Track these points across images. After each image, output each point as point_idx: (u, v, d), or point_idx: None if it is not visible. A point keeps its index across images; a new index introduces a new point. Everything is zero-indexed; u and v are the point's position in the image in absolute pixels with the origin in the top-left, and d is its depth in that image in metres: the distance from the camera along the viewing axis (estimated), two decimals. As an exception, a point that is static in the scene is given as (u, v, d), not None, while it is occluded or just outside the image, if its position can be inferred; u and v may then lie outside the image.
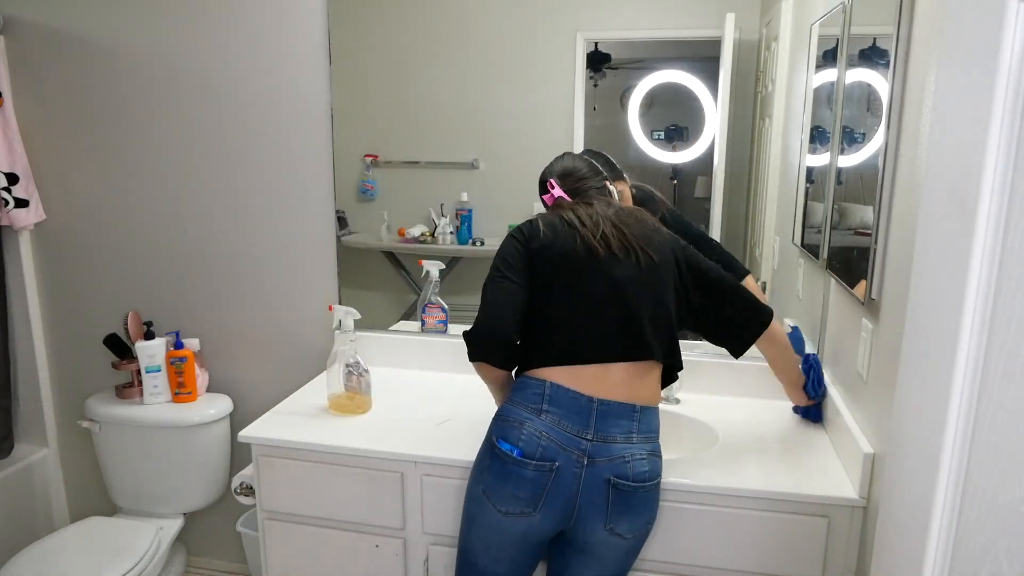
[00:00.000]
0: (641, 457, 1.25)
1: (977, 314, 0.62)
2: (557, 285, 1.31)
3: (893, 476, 0.83)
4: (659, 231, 1.38)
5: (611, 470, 1.22)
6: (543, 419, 1.24)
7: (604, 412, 1.25)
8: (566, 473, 1.22)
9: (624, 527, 1.25)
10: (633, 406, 1.27)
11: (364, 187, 1.97)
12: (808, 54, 1.70)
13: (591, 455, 1.23)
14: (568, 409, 1.25)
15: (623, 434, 1.25)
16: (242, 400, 2.15)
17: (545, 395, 1.26)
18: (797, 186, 1.74)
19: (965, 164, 0.64)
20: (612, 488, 1.22)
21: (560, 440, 1.23)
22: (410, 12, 1.85)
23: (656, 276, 1.32)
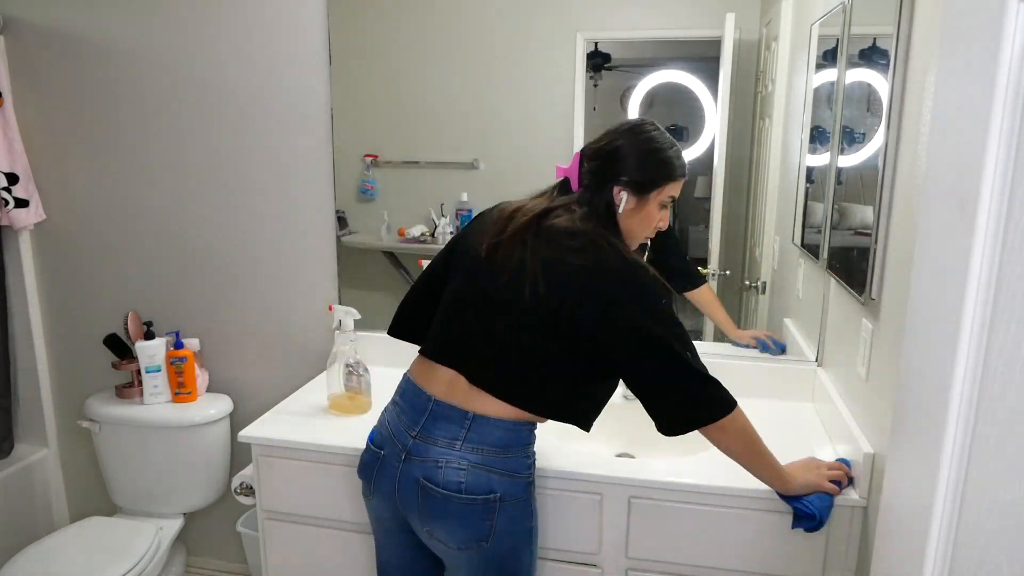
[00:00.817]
0: (459, 467, 1.17)
1: (977, 314, 0.62)
2: (455, 275, 1.28)
3: (893, 476, 0.83)
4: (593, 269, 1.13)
5: (422, 471, 1.19)
6: (392, 409, 1.29)
7: (436, 413, 1.21)
8: (388, 464, 1.24)
9: (443, 535, 1.20)
10: (466, 412, 1.19)
11: (364, 187, 1.97)
12: (808, 54, 1.70)
13: (411, 452, 1.21)
14: (409, 404, 1.25)
15: (446, 438, 1.19)
16: (242, 400, 2.15)
17: (400, 387, 1.30)
18: (797, 186, 1.74)
19: (965, 164, 0.64)
20: (421, 489, 1.19)
21: (394, 430, 1.25)
22: (410, 12, 1.85)
23: (542, 318, 1.15)
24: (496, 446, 1.20)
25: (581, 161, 1.23)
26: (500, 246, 1.19)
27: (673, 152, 1.24)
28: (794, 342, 1.80)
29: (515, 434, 1.22)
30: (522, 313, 1.16)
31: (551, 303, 1.14)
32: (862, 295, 1.31)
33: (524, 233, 1.18)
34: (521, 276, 1.15)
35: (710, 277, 1.85)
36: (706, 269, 1.84)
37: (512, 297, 1.17)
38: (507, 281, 1.17)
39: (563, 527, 1.41)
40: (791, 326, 1.82)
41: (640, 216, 1.23)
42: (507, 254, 1.18)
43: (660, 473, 1.37)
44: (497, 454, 1.20)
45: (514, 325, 1.18)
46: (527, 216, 1.19)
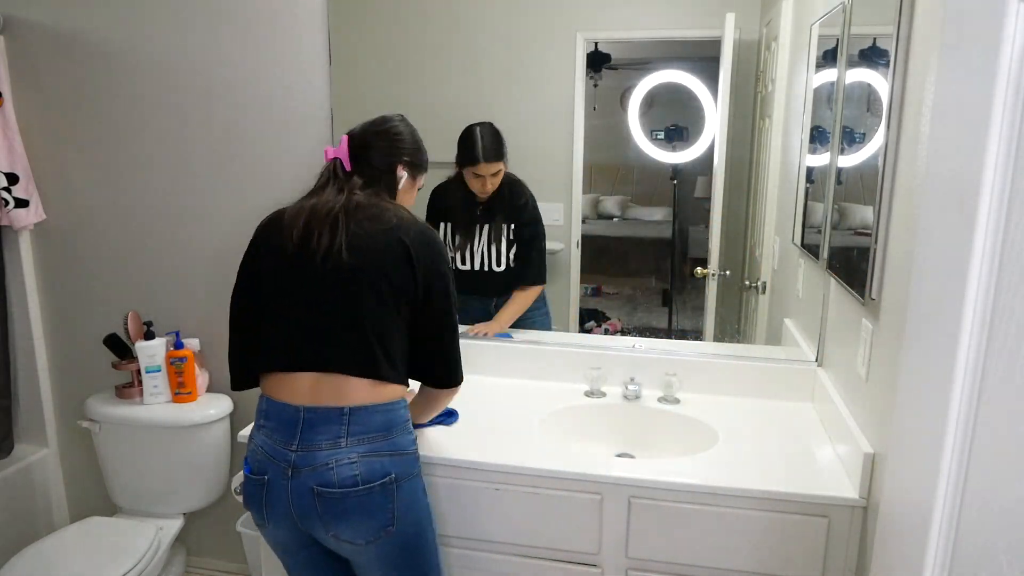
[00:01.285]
0: (349, 461, 1.20)
1: (977, 314, 0.62)
2: (270, 284, 1.30)
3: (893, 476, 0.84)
4: (396, 228, 1.25)
5: (314, 479, 1.19)
6: (261, 433, 1.27)
7: (311, 420, 1.22)
8: (275, 485, 1.22)
9: (349, 533, 1.22)
10: (341, 409, 1.21)
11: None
12: (808, 54, 1.70)
13: (296, 465, 1.21)
14: (279, 421, 1.24)
15: (329, 440, 1.21)
16: (242, 400, 2.15)
17: (262, 409, 1.28)
18: (797, 186, 1.74)
19: (965, 164, 0.64)
20: (317, 496, 1.20)
21: (271, 452, 1.24)
22: (410, 13, 1.85)
23: (357, 279, 1.23)
24: (379, 431, 1.23)
25: (351, 141, 1.34)
26: (311, 235, 1.25)
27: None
28: (794, 342, 1.80)
29: (393, 414, 1.26)
30: (342, 289, 1.23)
31: (360, 266, 1.23)
32: (862, 295, 1.31)
33: (334, 220, 1.25)
34: (329, 256, 1.23)
35: (710, 277, 1.85)
36: (706, 269, 1.85)
37: (330, 278, 1.24)
38: (321, 266, 1.24)
39: (563, 527, 1.41)
40: (791, 326, 1.82)
41: (411, 195, 1.42)
42: (319, 240, 1.24)
43: (660, 473, 1.37)
44: (382, 438, 1.23)
45: (340, 302, 1.24)
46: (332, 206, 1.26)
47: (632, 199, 1.89)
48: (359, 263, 1.23)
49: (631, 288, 1.92)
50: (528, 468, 1.40)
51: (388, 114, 1.40)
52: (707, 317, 1.88)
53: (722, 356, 1.82)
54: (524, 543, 1.44)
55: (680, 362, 1.80)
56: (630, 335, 1.89)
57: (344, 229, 1.24)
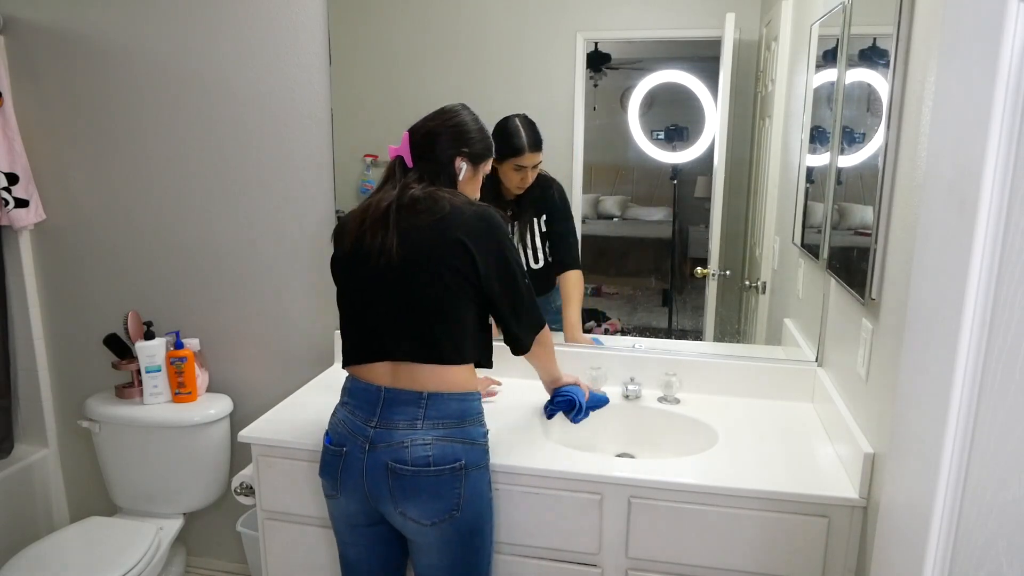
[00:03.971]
0: (424, 443, 1.26)
1: (977, 314, 0.62)
2: (338, 282, 1.38)
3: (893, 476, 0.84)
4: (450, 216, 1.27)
5: (389, 455, 1.27)
6: (344, 409, 1.36)
7: (390, 400, 1.30)
8: (352, 457, 1.30)
9: (415, 512, 1.27)
10: (420, 393, 1.29)
11: (364, 187, 1.97)
12: (808, 54, 1.70)
13: (373, 441, 1.28)
14: (360, 399, 1.32)
15: (407, 420, 1.28)
16: (242, 400, 2.15)
17: (346, 388, 1.37)
18: (797, 186, 1.74)
19: (965, 164, 0.64)
20: (391, 472, 1.26)
21: (351, 427, 1.32)
22: (410, 12, 1.85)
23: (415, 276, 1.27)
24: (454, 418, 1.30)
25: (412, 137, 1.36)
26: (364, 235, 1.30)
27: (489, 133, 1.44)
28: (794, 342, 1.80)
29: (468, 404, 1.32)
30: (398, 283, 1.28)
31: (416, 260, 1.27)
32: (862, 295, 1.31)
33: (385, 217, 1.29)
34: (382, 253, 1.28)
35: (710, 277, 1.85)
36: (706, 269, 1.85)
37: (385, 275, 1.29)
38: (375, 264, 1.29)
39: (563, 527, 1.41)
40: (791, 326, 1.82)
41: (475, 183, 1.42)
42: (372, 239, 1.29)
43: (660, 473, 1.37)
44: (456, 425, 1.30)
45: (398, 296, 1.29)
46: (386, 204, 1.30)
47: (632, 199, 1.89)
48: (412, 256, 1.27)
49: (631, 288, 1.92)
50: (528, 468, 1.40)
51: (448, 105, 1.39)
52: (707, 317, 1.88)
53: (722, 356, 1.82)
54: (524, 543, 1.44)
55: (680, 362, 1.80)
56: (630, 335, 1.89)
57: (395, 226, 1.28)
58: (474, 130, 1.38)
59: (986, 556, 0.61)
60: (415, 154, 1.34)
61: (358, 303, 1.34)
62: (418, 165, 1.34)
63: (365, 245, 1.30)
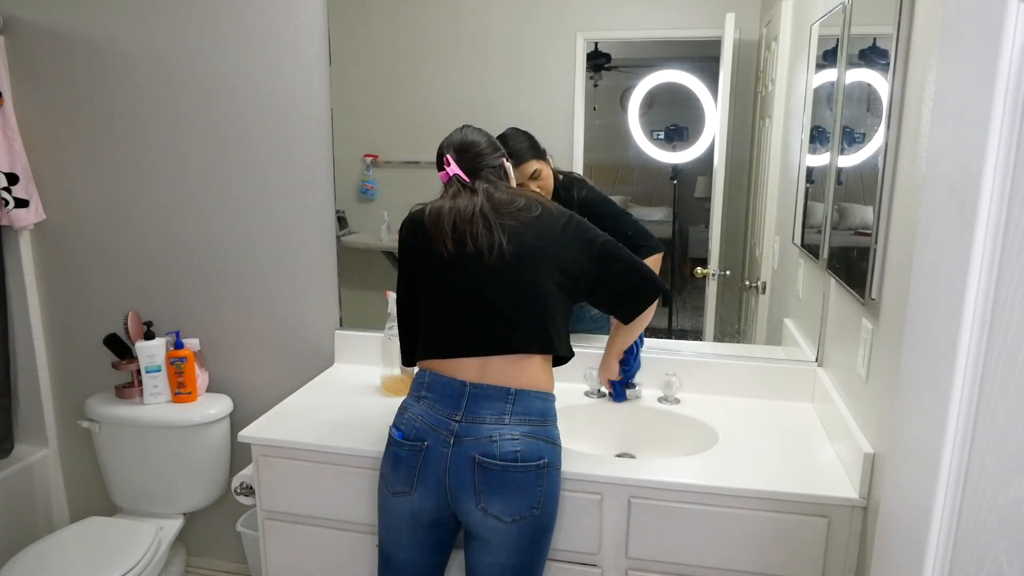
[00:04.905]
0: (512, 438, 1.27)
1: (977, 314, 0.62)
2: (428, 282, 1.38)
3: (893, 476, 0.84)
4: (542, 215, 1.35)
5: (476, 448, 1.26)
6: (421, 404, 1.33)
7: (476, 395, 1.29)
8: (434, 452, 1.28)
9: (497, 507, 1.26)
10: (507, 389, 1.30)
11: (364, 187, 1.97)
12: (808, 54, 1.70)
13: (458, 435, 1.27)
14: (442, 394, 1.31)
15: (494, 415, 1.28)
16: (242, 400, 2.15)
17: (424, 383, 1.35)
18: (797, 186, 1.74)
19: (965, 164, 0.64)
20: (478, 466, 1.26)
21: (431, 421, 1.30)
22: (410, 12, 1.85)
23: (525, 270, 1.32)
24: (539, 416, 1.31)
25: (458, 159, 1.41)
26: (463, 238, 1.33)
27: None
28: (794, 342, 1.80)
29: (550, 404, 1.35)
30: (508, 275, 1.32)
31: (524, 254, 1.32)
32: (862, 295, 1.31)
33: (480, 219, 1.33)
34: (494, 245, 1.31)
35: (710, 277, 1.85)
36: (706, 269, 1.85)
37: (495, 268, 1.32)
38: (487, 261, 1.32)
39: (563, 527, 1.41)
40: (791, 326, 1.82)
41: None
42: (475, 238, 1.32)
43: (660, 473, 1.37)
44: (541, 423, 1.31)
45: (511, 290, 1.32)
46: (472, 208, 1.34)
47: (632, 199, 1.89)
48: (521, 251, 1.32)
49: (631, 288, 1.92)
50: (528, 468, 1.40)
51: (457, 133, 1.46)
52: (707, 317, 1.88)
53: (722, 356, 1.82)
54: (524, 543, 1.44)
55: (680, 362, 1.81)
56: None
57: (498, 225, 1.32)
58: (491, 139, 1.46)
59: (986, 556, 0.61)
60: (467, 169, 1.39)
61: (455, 300, 1.34)
62: (476, 177, 1.39)
63: (473, 244, 1.32)
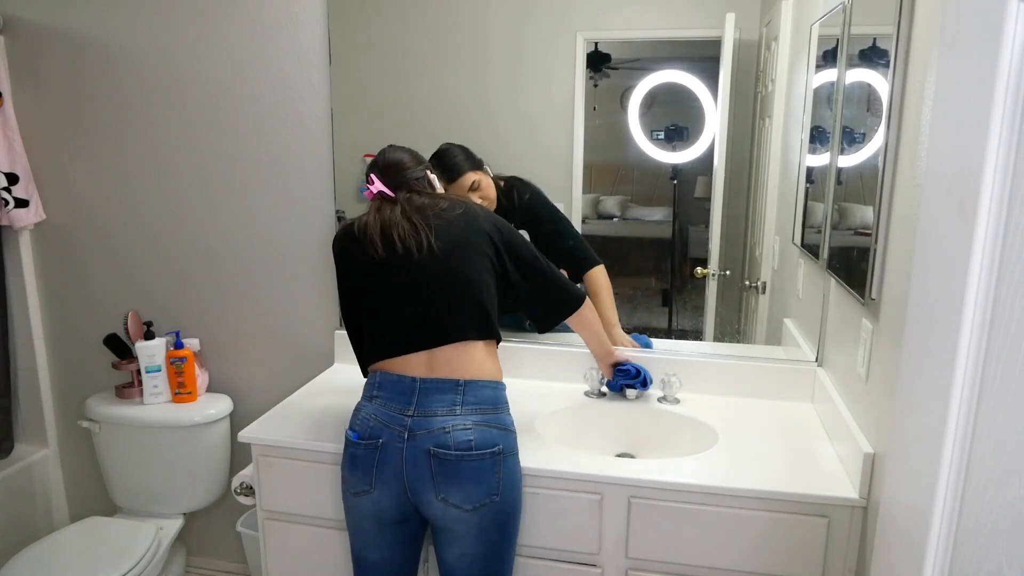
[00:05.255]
0: (465, 427, 1.29)
1: (977, 314, 0.62)
2: (365, 288, 1.42)
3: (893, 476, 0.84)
4: (467, 212, 1.42)
5: (431, 441, 1.28)
6: (374, 403, 1.36)
7: (426, 389, 1.33)
8: (390, 448, 1.30)
9: (457, 496, 1.28)
10: (456, 381, 1.33)
11: (364, 187, 1.97)
12: (808, 54, 1.70)
13: (412, 429, 1.30)
14: (393, 391, 1.35)
15: (445, 407, 1.31)
16: (242, 400, 2.15)
17: (376, 383, 1.38)
18: (797, 186, 1.74)
19: (965, 164, 0.64)
20: (433, 458, 1.28)
21: (385, 419, 1.33)
22: (410, 12, 1.85)
23: (457, 261, 1.37)
24: (489, 404, 1.34)
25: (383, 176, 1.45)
26: (392, 241, 1.37)
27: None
28: (794, 342, 1.80)
29: (499, 392, 1.38)
30: (440, 267, 1.36)
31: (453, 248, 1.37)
32: (862, 295, 1.31)
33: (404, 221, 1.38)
34: (422, 243, 1.36)
35: (710, 277, 1.85)
36: (706, 269, 1.85)
37: (428, 264, 1.36)
38: (416, 259, 1.36)
39: (563, 527, 1.41)
40: (791, 326, 1.82)
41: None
42: (403, 239, 1.37)
43: (660, 473, 1.37)
44: (491, 411, 1.34)
45: (446, 282, 1.37)
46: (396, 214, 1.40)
47: (632, 199, 1.89)
48: (450, 246, 1.37)
49: (631, 288, 1.92)
50: (528, 468, 1.40)
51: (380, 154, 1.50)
52: (707, 317, 1.88)
53: (722, 356, 1.82)
54: (524, 543, 1.44)
55: (680, 362, 1.81)
56: (630, 335, 1.89)
57: (423, 224, 1.37)
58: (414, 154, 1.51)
59: (986, 556, 0.61)
60: (391, 185, 1.44)
61: (393, 299, 1.38)
62: (399, 191, 1.43)
63: (402, 245, 1.36)
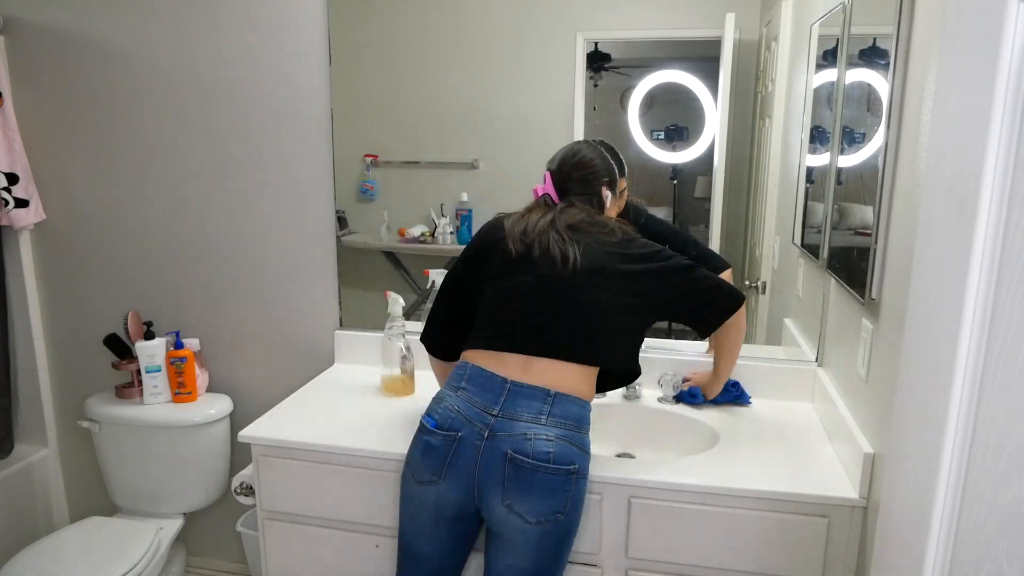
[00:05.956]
0: (547, 438, 1.26)
1: (977, 314, 0.62)
2: (492, 278, 1.41)
3: (893, 476, 0.84)
4: (623, 241, 1.40)
5: (510, 444, 1.25)
6: (459, 395, 1.33)
7: (515, 392, 1.29)
8: (467, 444, 1.28)
9: (523, 506, 1.25)
10: (547, 390, 1.30)
11: (364, 187, 1.97)
12: (808, 54, 1.70)
13: (493, 429, 1.27)
14: (481, 387, 1.32)
15: (531, 414, 1.28)
16: (242, 400, 2.15)
17: (465, 375, 1.35)
18: (797, 186, 1.74)
19: (965, 164, 0.64)
20: (509, 462, 1.25)
21: (468, 413, 1.30)
22: (410, 12, 1.85)
23: (590, 283, 1.35)
24: (575, 421, 1.30)
25: (553, 177, 1.47)
26: (534, 241, 1.38)
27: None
28: (794, 342, 1.80)
29: (586, 411, 1.34)
30: (572, 285, 1.35)
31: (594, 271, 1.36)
32: (862, 295, 1.31)
33: (552, 232, 1.38)
34: (568, 259, 1.35)
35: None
36: (706, 269, 1.84)
37: (564, 276, 1.35)
38: (558, 267, 1.35)
39: (563, 527, 1.41)
40: (791, 326, 1.82)
41: (616, 208, 1.54)
42: (545, 246, 1.37)
43: (660, 473, 1.37)
44: (575, 429, 1.30)
45: (570, 300, 1.35)
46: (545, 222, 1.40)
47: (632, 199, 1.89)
48: (592, 268, 1.35)
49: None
50: (528, 468, 1.40)
51: (578, 142, 1.51)
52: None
53: (722, 356, 1.81)
54: (524, 543, 1.44)
55: (680, 362, 1.80)
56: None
57: (573, 239, 1.37)
58: (602, 166, 1.47)
59: (986, 556, 0.61)
60: (560, 190, 1.45)
61: (514, 297, 1.37)
62: (565, 198, 1.44)
63: (545, 250, 1.36)
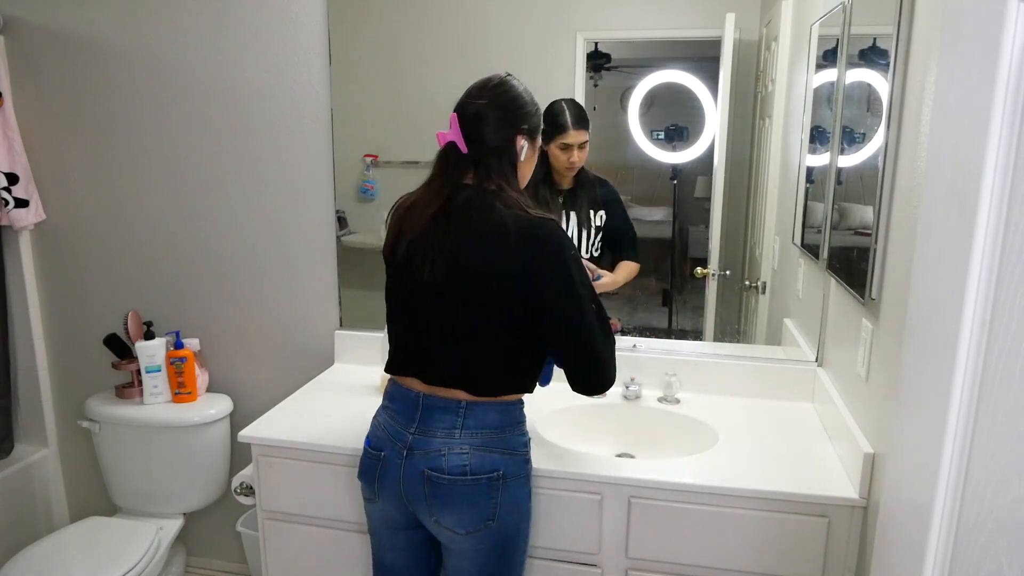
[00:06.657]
0: (460, 451, 1.23)
1: (977, 314, 0.62)
2: (389, 287, 1.35)
3: (893, 476, 0.84)
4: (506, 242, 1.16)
5: (425, 463, 1.24)
6: (386, 413, 1.33)
7: (429, 406, 1.26)
8: (390, 463, 1.27)
9: (449, 520, 1.24)
10: (458, 402, 1.24)
11: (364, 187, 1.97)
12: (808, 54, 1.70)
13: (411, 447, 1.25)
14: (401, 404, 1.30)
15: (444, 429, 1.24)
16: (242, 400, 2.15)
17: (388, 392, 1.35)
18: (797, 186, 1.74)
19: (965, 164, 0.64)
20: (427, 480, 1.24)
21: (391, 432, 1.29)
22: (410, 12, 1.85)
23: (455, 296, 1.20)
24: (492, 427, 1.26)
25: (461, 122, 1.23)
26: (413, 244, 1.25)
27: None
28: (794, 342, 1.80)
29: (507, 414, 1.27)
30: (438, 304, 1.23)
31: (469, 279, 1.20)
32: (862, 295, 1.31)
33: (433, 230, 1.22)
34: (424, 267, 1.22)
35: (710, 277, 1.85)
36: (706, 269, 1.85)
37: (427, 292, 1.24)
38: (421, 278, 1.23)
39: (563, 527, 1.41)
40: (791, 326, 1.82)
41: (532, 162, 1.32)
42: (407, 251, 1.26)
43: (660, 473, 1.37)
44: (495, 435, 1.26)
45: (436, 317, 1.24)
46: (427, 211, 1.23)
47: (632, 199, 1.89)
48: (457, 280, 1.20)
49: (631, 288, 1.92)
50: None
51: (493, 76, 1.27)
52: (707, 317, 1.88)
53: (722, 356, 1.82)
54: (524, 543, 1.44)
55: (680, 362, 1.81)
56: (630, 335, 1.89)
57: (440, 245, 1.20)
58: (528, 102, 1.26)
59: (986, 556, 0.61)
60: (468, 137, 1.21)
61: (401, 313, 1.31)
62: (473, 150, 1.21)
63: (414, 258, 1.24)
